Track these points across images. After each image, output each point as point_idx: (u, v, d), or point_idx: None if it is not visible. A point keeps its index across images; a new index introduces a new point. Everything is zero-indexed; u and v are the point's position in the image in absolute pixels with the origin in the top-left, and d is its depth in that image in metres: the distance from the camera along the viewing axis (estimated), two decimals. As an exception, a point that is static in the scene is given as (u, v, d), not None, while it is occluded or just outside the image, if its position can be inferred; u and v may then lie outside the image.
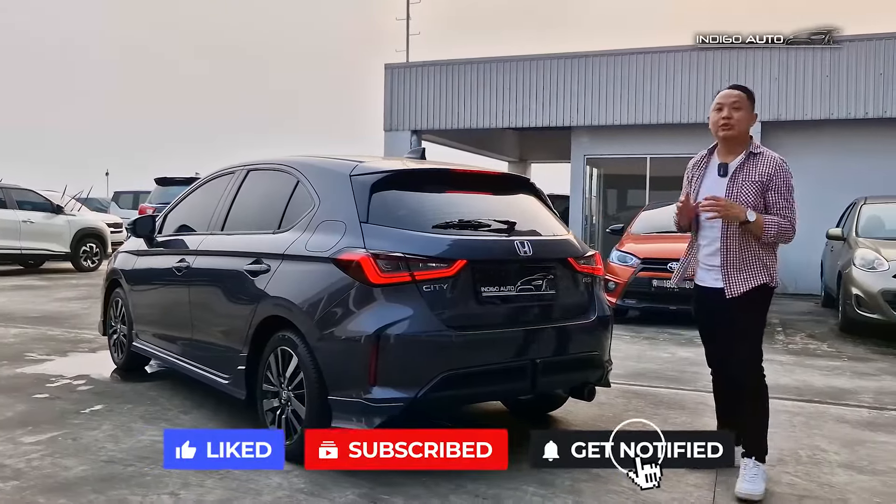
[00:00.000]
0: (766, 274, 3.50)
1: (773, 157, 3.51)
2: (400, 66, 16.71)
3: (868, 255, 8.11)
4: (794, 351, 7.39)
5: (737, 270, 3.47)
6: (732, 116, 3.49)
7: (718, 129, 3.54)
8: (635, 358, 6.82)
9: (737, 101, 3.51)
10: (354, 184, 3.78)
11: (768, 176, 3.46)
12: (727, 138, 3.54)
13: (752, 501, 3.33)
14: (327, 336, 3.53)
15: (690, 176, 3.74)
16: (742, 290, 3.47)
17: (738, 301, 3.48)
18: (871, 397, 5.43)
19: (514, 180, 4.40)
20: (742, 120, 3.50)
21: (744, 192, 3.47)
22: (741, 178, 3.49)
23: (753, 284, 3.47)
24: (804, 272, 12.74)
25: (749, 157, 3.52)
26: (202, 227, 4.91)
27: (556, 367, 3.85)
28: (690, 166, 3.77)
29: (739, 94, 3.54)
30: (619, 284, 9.06)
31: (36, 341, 7.04)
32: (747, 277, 3.47)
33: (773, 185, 3.46)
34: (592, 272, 4.16)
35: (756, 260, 3.48)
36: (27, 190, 14.63)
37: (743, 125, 3.51)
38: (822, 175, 13.10)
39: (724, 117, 3.50)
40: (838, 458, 4.01)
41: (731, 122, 3.49)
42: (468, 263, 3.56)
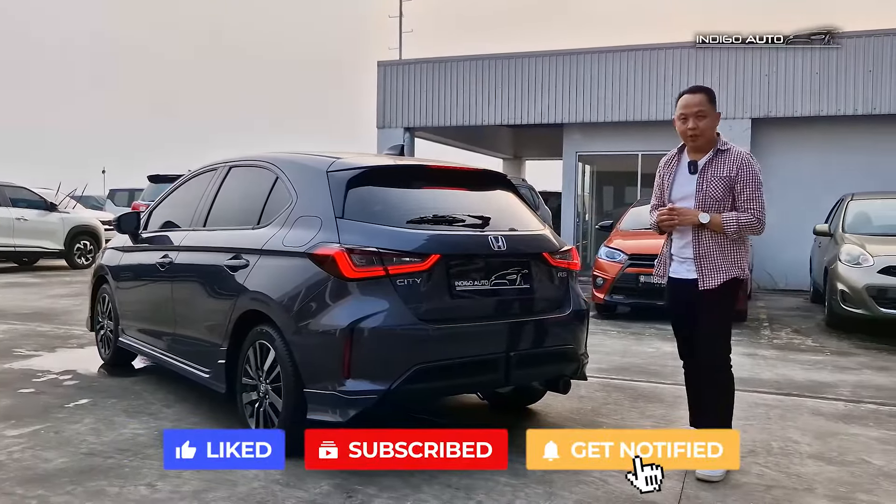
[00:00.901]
0: (737, 267, 3.62)
1: (739, 154, 3.63)
2: (393, 63, 16.76)
3: (853, 250, 8.17)
4: (778, 346, 7.46)
5: (709, 262, 3.59)
6: (698, 126, 3.60)
7: (687, 138, 3.68)
8: (620, 353, 6.89)
9: (700, 110, 3.61)
10: (331, 180, 3.83)
11: (735, 171, 3.58)
12: (696, 146, 3.68)
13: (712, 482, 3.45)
14: (303, 329, 3.59)
15: (662, 174, 3.85)
16: (715, 283, 3.59)
17: (711, 293, 3.60)
18: (849, 391, 5.49)
19: (491, 176, 4.45)
20: (708, 127, 3.61)
21: (711, 187, 3.60)
22: (709, 174, 3.62)
23: (726, 277, 3.59)
24: (794, 268, 12.82)
25: (717, 154, 3.64)
26: (185, 224, 4.96)
27: (530, 361, 3.91)
28: (662, 164, 3.89)
29: (701, 98, 3.63)
30: (607, 280, 9.12)
31: (25, 337, 7.09)
32: (719, 269, 3.58)
33: (740, 179, 3.58)
34: (568, 267, 4.22)
35: (728, 252, 3.60)
36: (21, 187, 14.66)
37: (709, 131, 3.63)
38: (811, 171, 13.17)
39: (690, 128, 3.62)
40: (809, 449, 4.07)
41: (697, 132, 3.61)
42: (442, 258, 3.62)
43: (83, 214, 15.62)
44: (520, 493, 3.33)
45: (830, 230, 9.41)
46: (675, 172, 3.77)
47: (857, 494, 3.42)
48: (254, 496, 3.25)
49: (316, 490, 3.33)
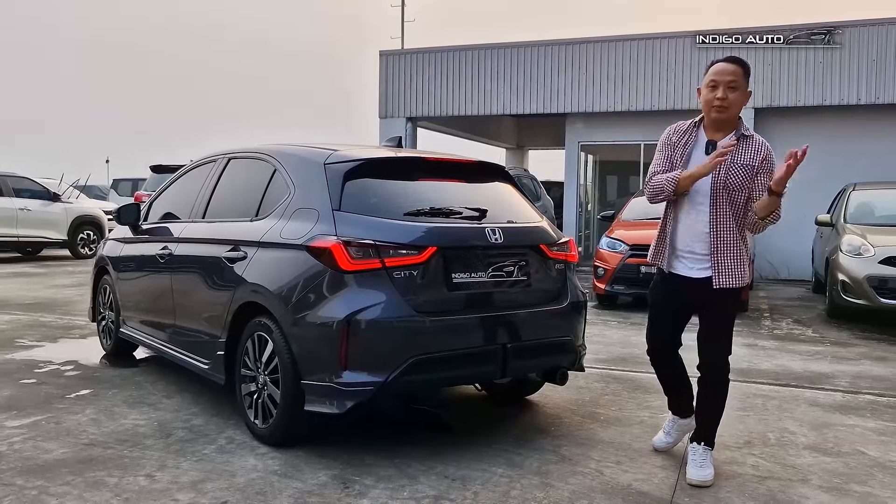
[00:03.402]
0: (748, 267, 3.42)
1: (762, 142, 3.36)
2: (395, 52, 16.72)
3: (855, 241, 8.16)
4: (778, 336, 7.46)
5: (728, 260, 3.34)
6: (727, 97, 3.27)
7: (711, 108, 3.32)
8: (620, 343, 6.90)
9: (733, 80, 3.27)
10: (328, 172, 3.83)
11: (760, 161, 3.31)
12: (719, 120, 3.35)
13: (705, 486, 3.37)
14: (300, 321, 3.60)
15: (674, 143, 3.47)
16: (735, 283, 3.35)
17: (724, 293, 3.38)
18: (848, 381, 5.50)
19: (488, 168, 4.45)
20: (737, 101, 3.30)
21: (733, 174, 3.31)
22: (731, 159, 3.29)
23: (743, 277, 3.37)
24: (796, 258, 12.81)
25: (740, 140, 3.33)
26: (185, 215, 4.98)
27: (526, 352, 3.92)
28: (672, 132, 3.52)
29: (736, 69, 3.29)
30: (608, 271, 9.12)
31: (27, 328, 7.13)
32: (739, 268, 3.36)
33: (765, 169, 3.30)
34: (566, 258, 4.22)
35: (743, 251, 3.38)
36: (24, 178, 14.70)
37: (737, 107, 3.31)
38: (814, 161, 12.97)
39: (718, 98, 3.28)
40: (805, 440, 4.08)
41: (726, 104, 3.28)
42: (438, 250, 3.63)
43: (86, 204, 15.67)
44: (515, 485, 3.35)
45: (832, 220, 9.38)
46: (692, 149, 3.42)
47: (850, 485, 3.43)
48: (252, 486, 3.28)
49: (313, 481, 3.36)
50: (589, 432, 4.15)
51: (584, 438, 4.03)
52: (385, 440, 3.92)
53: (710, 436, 3.51)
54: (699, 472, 3.41)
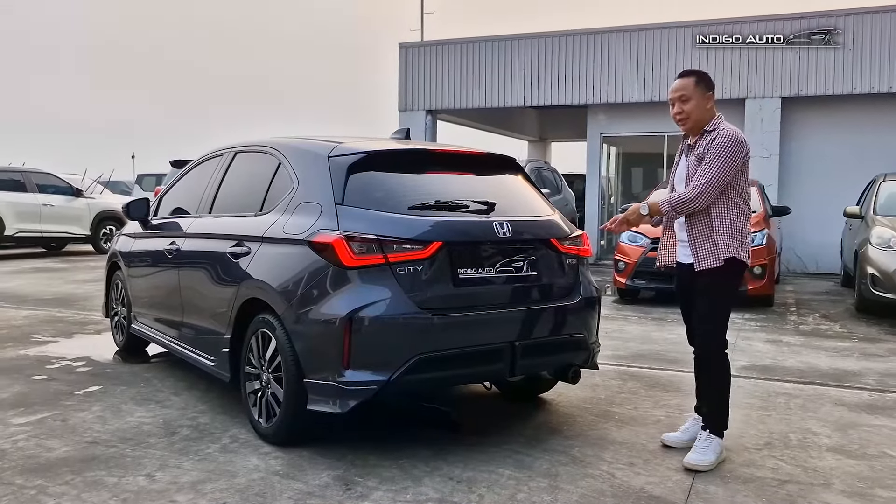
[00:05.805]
0: (733, 246, 3.53)
1: (721, 132, 3.54)
2: (414, 45, 16.57)
3: (885, 233, 7.91)
4: (804, 332, 7.25)
5: (703, 243, 3.55)
6: (683, 110, 3.61)
7: (676, 123, 3.70)
8: (639, 339, 6.74)
9: (683, 94, 3.60)
10: (332, 165, 3.74)
11: (705, 149, 3.54)
12: (685, 129, 3.69)
13: (697, 471, 3.39)
14: (302, 318, 3.52)
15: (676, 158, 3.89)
16: (710, 264, 3.53)
17: (704, 275, 3.56)
18: (875, 379, 5.30)
19: (498, 160, 4.32)
20: (693, 108, 3.59)
21: (692, 166, 3.61)
22: (693, 156, 3.63)
23: (722, 257, 3.51)
24: (825, 251, 12.51)
25: (702, 136, 3.62)
26: (192, 210, 4.93)
27: (536, 350, 3.79)
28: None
29: (684, 82, 3.62)
30: (628, 265, 8.95)
31: (44, 323, 7.15)
32: (715, 249, 3.52)
33: (707, 157, 3.52)
34: (578, 253, 4.09)
35: (723, 231, 3.52)
36: (47, 174, 14.84)
37: (696, 112, 3.60)
38: (843, 151, 12.80)
39: (675, 113, 3.65)
40: (829, 441, 3.92)
41: (683, 116, 3.62)
42: (444, 245, 3.52)
43: (109, 200, 15.78)
44: (522, 487, 3.24)
45: (861, 212, 9.12)
46: (680, 155, 3.80)
47: (875, 490, 3.27)
48: (252, 487, 3.20)
49: (315, 482, 3.27)
50: (602, 432, 4.02)
51: (596, 438, 3.91)
52: (391, 438, 3.83)
53: (714, 423, 3.57)
54: (693, 455, 3.49)
